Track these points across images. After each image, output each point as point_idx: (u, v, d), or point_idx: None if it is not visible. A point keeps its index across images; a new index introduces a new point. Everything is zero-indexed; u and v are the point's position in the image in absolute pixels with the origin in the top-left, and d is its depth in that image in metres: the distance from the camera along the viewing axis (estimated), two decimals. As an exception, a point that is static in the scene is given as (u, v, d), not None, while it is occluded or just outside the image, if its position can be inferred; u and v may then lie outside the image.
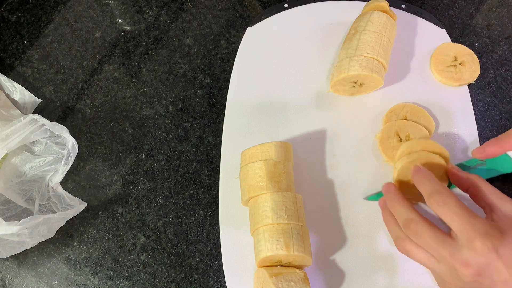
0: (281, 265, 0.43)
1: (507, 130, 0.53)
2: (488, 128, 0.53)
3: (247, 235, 0.46)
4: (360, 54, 0.48)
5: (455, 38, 0.57)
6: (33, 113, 0.55)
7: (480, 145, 0.51)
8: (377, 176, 0.50)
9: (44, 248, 0.50)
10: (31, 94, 0.55)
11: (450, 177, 0.43)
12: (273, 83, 0.55)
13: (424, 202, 0.41)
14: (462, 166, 0.47)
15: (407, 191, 0.43)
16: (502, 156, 0.44)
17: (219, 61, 0.58)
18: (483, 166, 0.45)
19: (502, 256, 0.35)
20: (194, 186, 0.52)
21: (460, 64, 0.53)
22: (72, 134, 0.49)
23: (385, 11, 0.53)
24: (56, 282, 0.48)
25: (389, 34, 0.51)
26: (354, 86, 0.51)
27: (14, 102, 0.55)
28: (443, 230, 0.38)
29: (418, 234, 0.38)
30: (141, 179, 0.52)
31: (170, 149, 0.53)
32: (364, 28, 0.50)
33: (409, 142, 0.44)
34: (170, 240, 0.50)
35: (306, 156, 0.51)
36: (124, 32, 0.60)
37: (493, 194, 0.40)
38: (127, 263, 0.49)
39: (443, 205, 0.38)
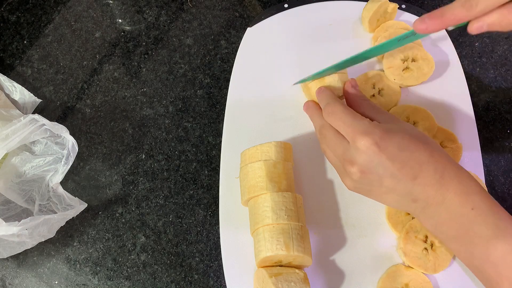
0: (281, 265, 0.43)
1: (507, 131, 0.53)
2: (488, 128, 0.53)
3: (247, 235, 0.46)
4: None
5: (455, 38, 0.57)
6: (33, 113, 0.55)
7: (480, 144, 0.51)
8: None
9: (44, 248, 0.50)
10: (31, 94, 0.55)
11: (345, 95, 0.47)
12: (273, 83, 0.55)
13: None
14: (393, 41, 0.45)
15: None
16: None
17: (219, 61, 0.58)
18: (413, 36, 0.43)
19: (384, 151, 0.38)
20: (194, 186, 0.52)
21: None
22: (72, 134, 0.49)
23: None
24: (56, 282, 0.48)
25: None
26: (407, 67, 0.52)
27: (14, 102, 0.55)
28: None
29: (326, 137, 0.43)
30: (141, 179, 0.52)
31: (170, 149, 0.53)
32: None
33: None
34: (170, 240, 0.50)
35: (306, 156, 0.51)
36: (124, 32, 0.60)
37: (374, 108, 0.44)
38: (127, 263, 0.49)
39: (332, 114, 0.42)
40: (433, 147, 0.39)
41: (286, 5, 0.58)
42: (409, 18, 0.57)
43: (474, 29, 0.39)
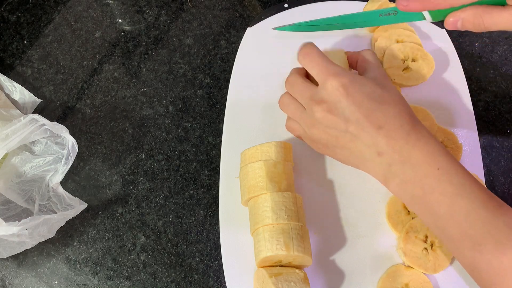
0: (281, 265, 0.43)
1: (507, 131, 0.53)
2: (488, 128, 0.53)
3: (247, 235, 0.46)
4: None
5: (455, 38, 0.57)
6: (33, 113, 0.55)
7: (480, 144, 0.51)
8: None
9: (44, 248, 0.50)
10: (31, 94, 0.55)
11: (348, 58, 0.48)
12: (273, 83, 0.55)
13: None
14: (375, 12, 0.47)
15: None
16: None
17: (219, 61, 0.58)
18: (394, 15, 0.46)
19: (352, 95, 0.39)
20: (194, 186, 0.52)
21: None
22: (72, 134, 0.49)
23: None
24: (56, 282, 0.48)
25: None
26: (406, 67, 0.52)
27: (14, 102, 0.55)
28: None
29: (293, 84, 0.44)
30: (141, 179, 0.52)
31: (170, 149, 0.53)
32: None
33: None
34: (170, 240, 0.50)
35: (306, 156, 0.51)
36: (124, 32, 0.60)
37: (369, 55, 0.45)
38: (127, 263, 0.49)
39: (306, 56, 0.43)
40: (406, 110, 0.40)
41: (286, 5, 0.58)
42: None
43: (449, 23, 0.41)
